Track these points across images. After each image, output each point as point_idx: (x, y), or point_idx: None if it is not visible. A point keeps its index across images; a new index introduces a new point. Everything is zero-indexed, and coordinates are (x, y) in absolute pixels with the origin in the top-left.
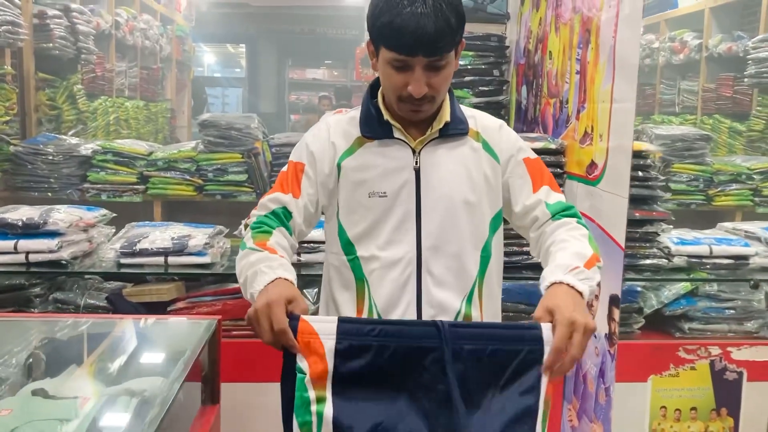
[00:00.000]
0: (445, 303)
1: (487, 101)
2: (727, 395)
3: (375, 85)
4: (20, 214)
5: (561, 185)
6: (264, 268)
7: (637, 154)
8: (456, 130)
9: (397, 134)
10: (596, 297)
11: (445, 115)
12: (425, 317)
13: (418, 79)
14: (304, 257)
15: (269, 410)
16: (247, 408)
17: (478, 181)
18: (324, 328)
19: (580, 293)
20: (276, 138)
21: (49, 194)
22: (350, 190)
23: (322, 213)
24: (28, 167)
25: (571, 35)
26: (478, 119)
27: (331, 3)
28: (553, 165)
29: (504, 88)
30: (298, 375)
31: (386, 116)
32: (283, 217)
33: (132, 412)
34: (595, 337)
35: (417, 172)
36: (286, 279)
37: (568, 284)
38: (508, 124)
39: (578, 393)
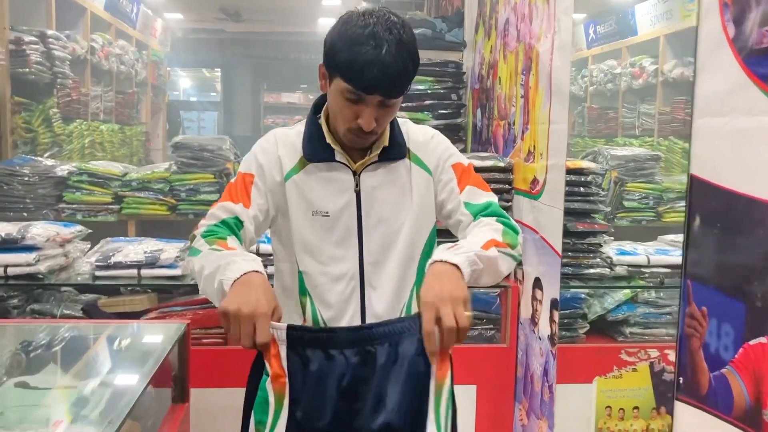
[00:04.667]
0: (385, 314)
1: (446, 123)
2: (665, 394)
3: (319, 104)
4: None
5: (509, 200)
6: (237, 259)
7: (579, 171)
8: (393, 154)
9: (338, 157)
10: (520, 281)
11: (384, 140)
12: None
13: (370, 114)
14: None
15: (238, 414)
16: (216, 411)
17: (413, 201)
18: (278, 335)
19: (455, 265)
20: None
21: (25, 214)
22: (296, 207)
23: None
24: (4, 188)
25: (516, 62)
26: (410, 136)
27: (304, 29)
28: (502, 182)
29: (461, 111)
30: (264, 376)
31: (328, 139)
32: (234, 226)
33: (105, 403)
34: (539, 339)
35: (357, 194)
36: (262, 273)
37: (441, 260)
38: (465, 146)
39: (527, 393)
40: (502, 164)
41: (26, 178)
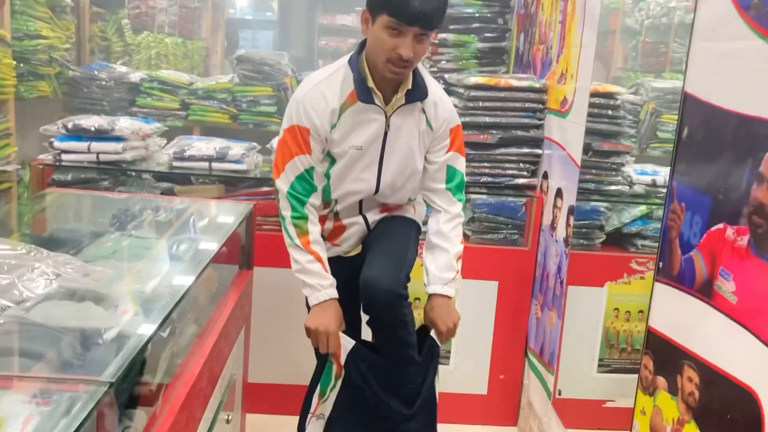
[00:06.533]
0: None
1: (491, 46)
2: None
3: (360, 49)
4: (92, 121)
5: (541, 119)
6: (318, 286)
7: (608, 95)
8: (416, 96)
9: (377, 101)
10: (544, 192)
11: (408, 83)
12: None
13: (409, 44)
14: None
15: (291, 290)
16: (275, 287)
17: (420, 148)
18: (345, 346)
19: (450, 296)
20: (304, 75)
21: (102, 116)
22: (337, 144)
23: None
24: (85, 91)
25: None
26: (429, 85)
27: None
28: (535, 101)
29: (507, 35)
30: (328, 362)
31: (369, 83)
32: (309, 178)
33: (192, 251)
34: (556, 242)
35: (386, 133)
36: (335, 300)
37: (442, 295)
38: (508, 69)
39: (542, 290)
40: (537, 85)
41: (104, 83)
